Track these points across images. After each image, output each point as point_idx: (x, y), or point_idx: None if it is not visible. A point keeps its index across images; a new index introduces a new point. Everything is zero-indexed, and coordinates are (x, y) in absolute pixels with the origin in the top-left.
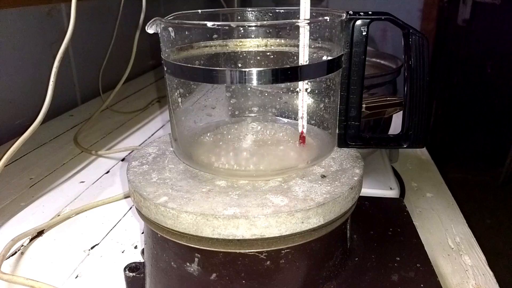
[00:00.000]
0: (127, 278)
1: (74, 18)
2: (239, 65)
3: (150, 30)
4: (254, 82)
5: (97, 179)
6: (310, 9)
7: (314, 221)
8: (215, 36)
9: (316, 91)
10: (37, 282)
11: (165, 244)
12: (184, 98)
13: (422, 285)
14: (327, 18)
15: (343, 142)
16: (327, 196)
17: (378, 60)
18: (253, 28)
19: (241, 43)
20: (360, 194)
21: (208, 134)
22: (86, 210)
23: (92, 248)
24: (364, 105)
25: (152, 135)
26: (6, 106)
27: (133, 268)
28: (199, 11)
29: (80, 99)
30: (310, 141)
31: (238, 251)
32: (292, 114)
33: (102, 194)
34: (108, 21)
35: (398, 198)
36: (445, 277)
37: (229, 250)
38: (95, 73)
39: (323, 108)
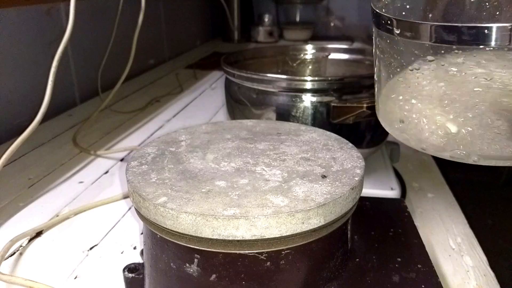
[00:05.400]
0: (126, 279)
1: (73, 17)
2: None
3: None
4: None
5: (96, 179)
6: None
7: (315, 222)
8: None
9: None
10: (35, 283)
11: (165, 245)
12: None
13: (423, 286)
14: None
15: None
16: (327, 197)
17: None
18: None
19: None
20: (361, 195)
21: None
22: (85, 211)
23: (91, 248)
24: (365, 105)
25: (151, 135)
26: (4, 106)
27: (132, 269)
28: None
29: (79, 99)
30: None
31: (238, 252)
32: None
33: (101, 194)
34: (107, 20)
35: (399, 198)
36: (446, 277)
37: (229, 251)
38: (94, 73)
39: None
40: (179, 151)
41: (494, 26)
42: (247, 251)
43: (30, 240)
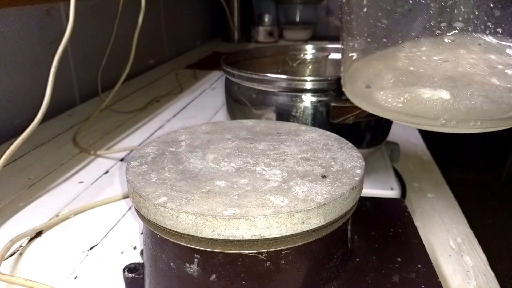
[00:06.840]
0: (126, 279)
1: (73, 17)
2: None
3: None
4: None
5: (96, 179)
6: None
7: (315, 222)
8: None
9: None
10: (35, 283)
11: (165, 245)
12: None
13: (423, 286)
14: None
15: None
16: (327, 197)
17: None
18: None
19: None
20: (361, 195)
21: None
22: (85, 211)
23: (91, 248)
24: None
25: (151, 135)
26: (4, 106)
27: (132, 269)
28: None
29: (79, 99)
30: None
31: (238, 252)
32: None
33: (101, 194)
34: (107, 20)
35: (399, 198)
36: (446, 277)
37: (229, 251)
38: (94, 73)
39: None
40: (179, 151)
41: None
42: (247, 251)
43: (30, 240)
